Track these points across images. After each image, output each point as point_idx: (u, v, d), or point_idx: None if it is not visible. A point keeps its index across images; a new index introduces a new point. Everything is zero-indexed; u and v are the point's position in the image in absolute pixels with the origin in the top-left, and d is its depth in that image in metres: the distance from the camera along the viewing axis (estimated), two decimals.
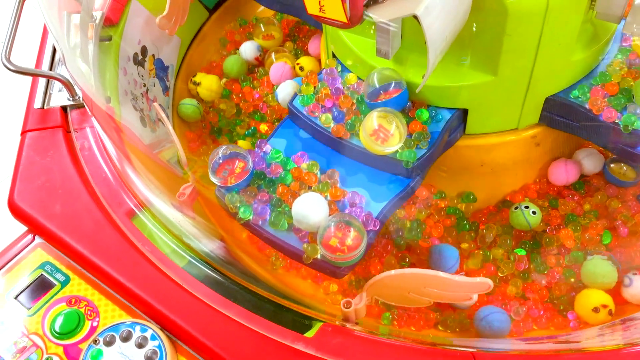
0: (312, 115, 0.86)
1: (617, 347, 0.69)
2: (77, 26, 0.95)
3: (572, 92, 0.84)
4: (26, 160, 0.93)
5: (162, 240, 0.84)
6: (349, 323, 0.75)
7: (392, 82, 0.82)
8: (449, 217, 0.95)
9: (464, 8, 0.70)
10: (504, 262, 0.90)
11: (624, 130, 0.80)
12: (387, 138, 0.79)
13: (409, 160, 0.80)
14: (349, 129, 0.84)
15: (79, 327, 0.78)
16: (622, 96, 0.82)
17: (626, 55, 0.86)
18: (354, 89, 0.87)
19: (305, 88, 0.88)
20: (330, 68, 0.90)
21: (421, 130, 0.81)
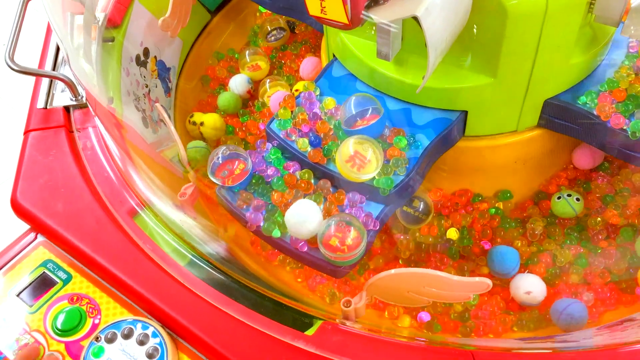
0: (288, 139, 0.86)
1: (614, 346, 0.69)
2: (81, 27, 0.96)
3: (580, 98, 0.84)
4: (29, 160, 0.93)
5: (163, 239, 0.84)
6: (349, 322, 0.76)
7: (370, 108, 0.82)
8: (493, 219, 0.96)
9: (464, 10, 0.71)
10: (560, 252, 0.90)
11: (632, 137, 0.81)
12: (363, 165, 0.79)
13: (385, 187, 0.79)
14: (326, 154, 0.83)
15: (81, 324, 0.78)
16: (629, 102, 0.83)
17: (633, 61, 0.87)
18: (332, 114, 0.87)
19: (282, 112, 0.88)
20: (309, 92, 0.90)
21: (399, 156, 0.81)
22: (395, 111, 0.86)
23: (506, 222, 0.95)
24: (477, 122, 0.86)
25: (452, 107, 0.84)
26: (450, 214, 0.95)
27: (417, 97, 0.84)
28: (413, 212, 0.91)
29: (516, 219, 0.96)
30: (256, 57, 1.20)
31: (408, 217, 0.91)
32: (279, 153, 0.87)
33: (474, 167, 0.94)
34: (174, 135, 0.92)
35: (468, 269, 0.91)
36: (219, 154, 0.84)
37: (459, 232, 0.93)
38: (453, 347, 0.71)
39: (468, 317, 0.86)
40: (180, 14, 1.12)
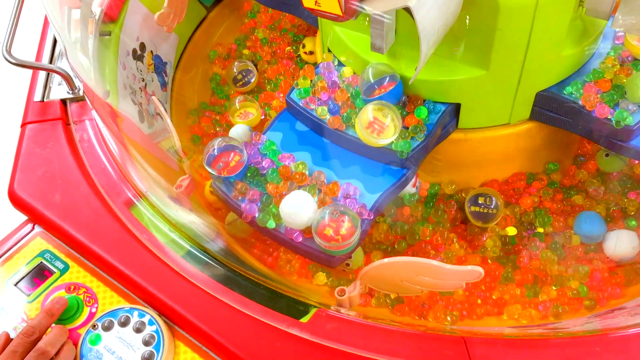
0: (308, 108, 0.88)
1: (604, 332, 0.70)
2: (78, 21, 0.96)
3: (566, 89, 0.86)
4: (26, 152, 0.94)
5: (159, 230, 0.85)
6: (343, 309, 0.77)
7: (387, 75, 0.84)
8: (557, 192, 0.98)
9: (456, 2, 0.72)
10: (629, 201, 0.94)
11: (616, 126, 0.82)
12: (382, 130, 0.80)
13: (403, 150, 0.81)
14: (345, 121, 0.86)
15: (78, 312, 0.79)
16: (614, 92, 0.84)
17: (619, 52, 0.88)
18: (349, 82, 0.89)
19: (302, 81, 0.90)
20: (327, 62, 0.92)
21: (417, 123, 0.83)
22: None
23: (568, 192, 0.97)
24: (470, 115, 0.87)
25: (445, 100, 0.85)
26: (519, 200, 0.96)
27: (411, 88, 0.85)
28: (483, 209, 0.92)
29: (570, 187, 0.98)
30: (246, 103, 1.14)
31: (480, 216, 0.92)
32: (274, 145, 0.88)
33: (468, 159, 0.95)
34: (170, 128, 0.93)
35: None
36: (214, 146, 0.85)
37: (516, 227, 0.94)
38: (445, 333, 0.72)
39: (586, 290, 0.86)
40: (176, 9, 1.13)
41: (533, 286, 0.88)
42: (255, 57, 1.26)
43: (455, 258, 0.91)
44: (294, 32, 1.27)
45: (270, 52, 1.26)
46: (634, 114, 0.82)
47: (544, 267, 0.89)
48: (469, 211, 0.93)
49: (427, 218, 0.96)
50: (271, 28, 1.30)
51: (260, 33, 1.29)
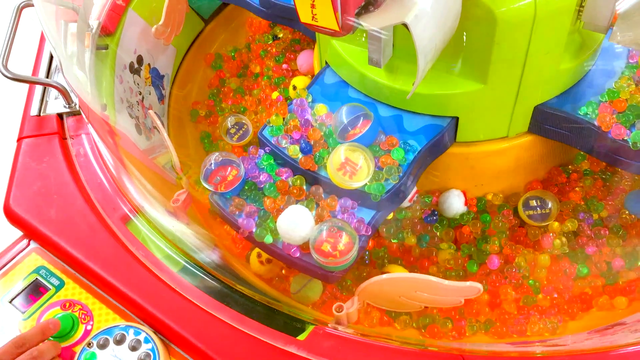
0: (280, 146, 0.87)
1: (605, 349, 0.70)
2: (74, 35, 0.96)
3: (581, 109, 0.84)
4: (22, 166, 0.94)
5: (156, 246, 0.85)
6: (340, 327, 0.76)
7: (360, 115, 0.83)
8: (595, 180, 0.99)
9: (454, 17, 0.72)
10: None
11: (633, 147, 0.81)
12: (355, 172, 0.79)
13: (377, 193, 0.80)
14: (317, 161, 0.84)
15: (73, 330, 0.79)
16: (630, 113, 0.83)
17: (633, 71, 0.87)
18: (323, 121, 0.88)
19: (274, 119, 0.89)
20: (301, 99, 0.91)
21: (392, 164, 0.82)
22: (387, 117, 0.87)
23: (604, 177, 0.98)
24: (468, 128, 0.87)
25: (443, 113, 0.84)
26: (569, 193, 0.97)
27: (408, 103, 0.85)
28: (537, 211, 0.93)
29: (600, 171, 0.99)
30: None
31: (537, 218, 0.93)
32: (271, 159, 0.88)
33: (465, 172, 0.95)
34: (167, 142, 0.93)
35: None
36: (211, 161, 0.85)
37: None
38: (444, 350, 0.72)
39: None
40: (174, 22, 1.13)
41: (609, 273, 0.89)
42: (239, 109, 1.21)
43: (528, 263, 0.91)
44: (270, 75, 1.24)
45: (255, 101, 1.20)
46: None
47: (613, 251, 0.90)
48: (526, 216, 0.94)
49: (486, 232, 0.96)
50: (240, 76, 1.28)
51: (232, 83, 1.26)
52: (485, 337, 0.86)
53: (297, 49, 1.26)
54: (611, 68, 0.89)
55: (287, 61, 1.25)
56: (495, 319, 0.87)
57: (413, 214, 0.96)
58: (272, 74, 1.24)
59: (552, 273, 0.91)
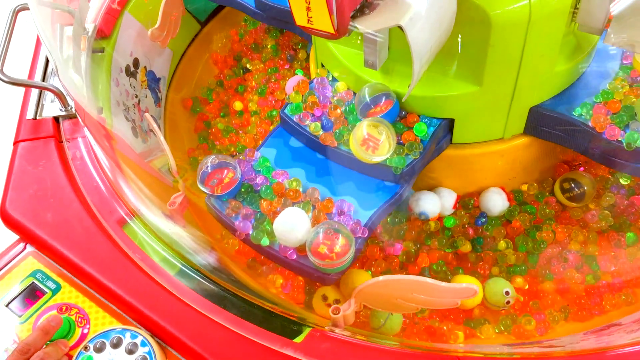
0: (301, 123, 0.88)
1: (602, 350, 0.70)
2: (70, 38, 0.96)
3: (575, 110, 0.85)
4: (18, 170, 0.94)
5: (152, 249, 0.84)
6: (337, 329, 0.76)
7: (382, 94, 0.84)
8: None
9: (449, 19, 0.72)
10: None
11: (627, 148, 0.81)
12: (377, 147, 0.80)
13: (398, 166, 0.81)
14: (337, 138, 0.85)
15: (70, 334, 0.78)
16: (624, 114, 0.83)
17: (627, 73, 0.88)
18: (342, 98, 0.89)
19: (294, 96, 0.90)
20: (321, 77, 0.92)
21: (414, 140, 0.83)
22: None
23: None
24: (464, 130, 0.87)
25: (439, 115, 0.85)
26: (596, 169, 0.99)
27: (405, 105, 0.85)
28: (574, 192, 0.95)
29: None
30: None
31: (575, 198, 0.95)
32: (268, 161, 0.88)
33: (461, 174, 0.95)
34: (163, 145, 0.93)
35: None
36: (208, 163, 0.85)
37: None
38: (440, 352, 0.72)
39: None
40: (170, 25, 1.13)
41: None
42: (237, 148, 1.15)
43: (581, 243, 0.93)
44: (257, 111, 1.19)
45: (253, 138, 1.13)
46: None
47: None
48: (565, 199, 0.96)
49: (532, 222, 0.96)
50: (224, 115, 1.22)
51: (219, 124, 1.20)
52: (568, 326, 0.86)
53: (278, 77, 1.23)
54: (605, 69, 0.89)
55: (271, 92, 1.20)
56: (569, 304, 0.88)
57: (460, 221, 0.96)
58: (259, 108, 1.19)
59: (604, 247, 0.92)
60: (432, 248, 0.95)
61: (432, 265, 0.93)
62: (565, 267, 0.91)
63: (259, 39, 1.31)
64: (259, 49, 1.30)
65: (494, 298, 0.87)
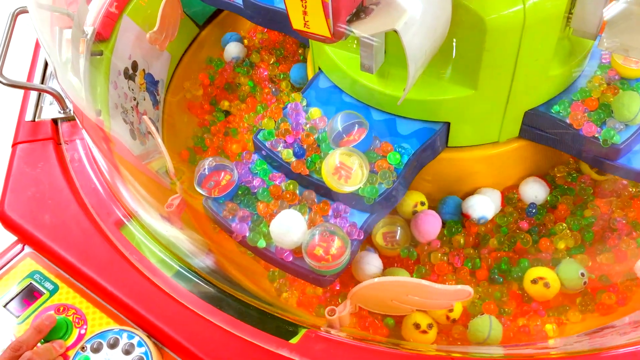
0: (274, 149, 0.88)
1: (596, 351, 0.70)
2: (69, 41, 0.97)
3: (553, 107, 0.86)
4: (17, 172, 0.94)
5: (149, 250, 0.85)
6: (333, 330, 0.77)
7: (355, 123, 0.83)
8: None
9: (443, 24, 0.73)
10: None
11: (603, 144, 0.83)
12: (349, 176, 0.80)
13: (370, 196, 0.81)
14: (309, 166, 0.85)
15: (67, 334, 0.79)
16: (601, 111, 0.85)
17: (605, 71, 0.89)
18: (316, 125, 0.88)
19: (266, 122, 0.89)
20: (296, 102, 0.91)
21: (387, 168, 0.82)
22: (380, 121, 0.88)
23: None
24: (460, 133, 0.88)
25: (434, 119, 0.85)
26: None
27: (400, 108, 0.85)
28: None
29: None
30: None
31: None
32: (265, 164, 0.89)
33: (457, 177, 0.96)
34: (161, 147, 0.93)
35: None
36: (205, 166, 0.86)
37: None
38: (435, 354, 0.72)
39: None
40: (169, 28, 1.14)
41: None
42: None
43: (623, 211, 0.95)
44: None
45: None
46: (621, 133, 0.83)
47: None
48: (595, 172, 0.98)
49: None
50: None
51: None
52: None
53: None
54: (584, 68, 0.90)
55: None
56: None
57: (511, 216, 0.96)
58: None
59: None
60: (491, 249, 0.95)
61: (500, 266, 0.93)
62: (620, 237, 0.91)
63: (230, 78, 1.27)
64: (233, 88, 1.25)
65: (571, 283, 0.86)
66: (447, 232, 0.95)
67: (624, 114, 0.83)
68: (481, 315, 0.84)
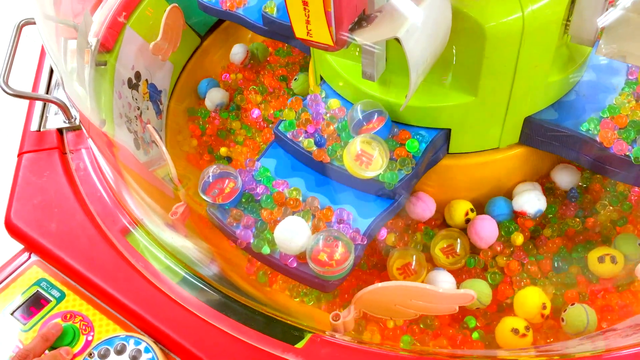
0: (295, 140, 0.89)
1: (597, 353, 0.71)
2: (74, 51, 0.98)
3: (582, 125, 0.86)
4: (23, 181, 0.95)
5: (155, 257, 0.86)
6: (338, 335, 0.77)
7: (374, 111, 0.85)
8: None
9: (444, 32, 0.74)
10: None
11: (635, 162, 0.82)
12: (370, 162, 0.81)
13: (390, 182, 0.82)
14: (330, 154, 0.87)
15: (74, 341, 0.79)
16: (631, 129, 0.85)
17: (633, 88, 0.89)
18: (335, 114, 0.90)
19: (287, 113, 0.91)
20: (315, 94, 0.93)
21: (405, 156, 0.84)
22: None
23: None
24: (460, 140, 0.89)
25: (435, 125, 0.86)
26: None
27: (401, 115, 0.86)
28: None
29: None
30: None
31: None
32: (268, 171, 0.90)
33: (458, 183, 0.97)
34: (165, 156, 0.94)
35: None
36: (209, 173, 0.86)
37: None
38: (441, 357, 0.73)
39: None
40: (171, 39, 1.15)
41: None
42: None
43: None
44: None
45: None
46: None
47: None
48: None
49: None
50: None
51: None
52: None
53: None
54: (610, 84, 0.91)
55: None
56: None
57: (556, 205, 0.98)
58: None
59: None
60: (546, 240, 0.96)
61: (560, 254, 0.94)
62: None
63: (221, 126, 1.24)
64: (225, 134, 1.23)
65: (632, 254, 0.88)
66: (504, 232, 0.95)
67: None
68: (572, 305, 0.84)
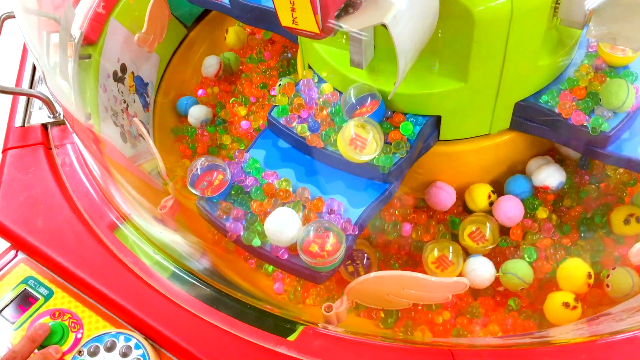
0: (288, 125, 0.89)
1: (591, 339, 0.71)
2: (57, 45, 0.96)
3: (542, 97, 0.87)
4: (8, 178, 0.94)
5: (144, 252, 0.85)
6: (330, 326, 0.77)
7: (368, 95, 0.84)
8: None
9: (432, 17, 0.73)
10: None
11: (592, 132, 0.83)
12: (364, 146, 0.81)
13: (385, 165, 0.82)
14: (324, 139, 0.86)
15: (63, 339, 0.78)
16: (589, 100, 0.86)
17: (592, 60, 0.90)
18: (328, 99, 0.90)
19: (279, 98, 0.91)
20: (307, 79, 0.92)
21: (400, 139, 0.84)
22: None
23: None
24: (451, 127, 0.88)
25: (425, 112, 0.85)
26: None
27: (391, 103, 0.86)
28: None
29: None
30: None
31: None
32: (257, 163, 0.88)
33: (449, 170, 0.96)
34: (152, 149, 0.93)
35: None
36: (197, 166, 0.85)
37: None
38: (432, 346, 0.72)
39: None
40: (157, 30, 1.14)
41: None
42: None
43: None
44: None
45: None
46: (609, 121, 0.83)
47: None
48: None
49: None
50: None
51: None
52: None
53: None
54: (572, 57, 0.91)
55: None
56: None
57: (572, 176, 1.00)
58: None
59: None
60: (567, 210, 0.98)
61: (583, 221, 0.96)
62: None
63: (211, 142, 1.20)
64: (217, 150, 1.20)
65: None
66: (529, 209, 0.96)
67: (611, 102, 0.83)
68: (613, 270, 0.85)
